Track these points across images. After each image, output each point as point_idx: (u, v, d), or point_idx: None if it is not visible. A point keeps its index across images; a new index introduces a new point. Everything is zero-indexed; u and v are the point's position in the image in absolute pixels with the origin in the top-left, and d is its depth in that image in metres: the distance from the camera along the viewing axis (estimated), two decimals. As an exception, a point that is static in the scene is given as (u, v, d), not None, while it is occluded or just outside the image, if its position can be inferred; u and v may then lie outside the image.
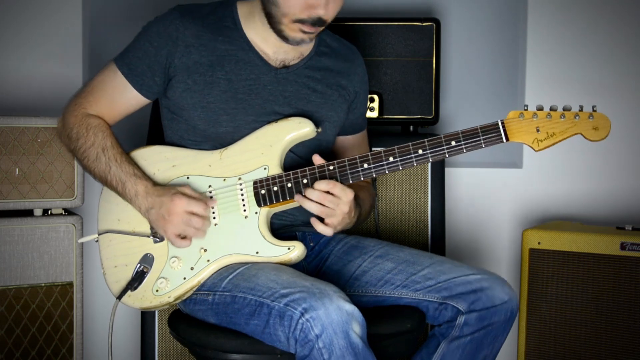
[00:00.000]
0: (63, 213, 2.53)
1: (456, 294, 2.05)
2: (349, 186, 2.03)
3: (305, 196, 2.02)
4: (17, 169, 2.45)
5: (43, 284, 2.49)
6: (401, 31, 2.71)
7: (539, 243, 2.65)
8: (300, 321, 1.80)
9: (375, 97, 2.71)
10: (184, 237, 2.04)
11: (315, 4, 1.97)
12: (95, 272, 2.79)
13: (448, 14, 3.05)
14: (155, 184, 2.08)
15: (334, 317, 1.78)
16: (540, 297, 2.65)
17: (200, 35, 2.10)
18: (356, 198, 2.10)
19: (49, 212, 2.52)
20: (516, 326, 2.65)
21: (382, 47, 2.71)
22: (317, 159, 2.04)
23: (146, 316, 2.53)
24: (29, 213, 2.50)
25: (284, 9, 1.99)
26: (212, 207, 2.07)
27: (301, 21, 2.00)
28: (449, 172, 3.01)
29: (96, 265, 2.28)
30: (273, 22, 2.04)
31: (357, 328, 1.80)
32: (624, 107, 3.03)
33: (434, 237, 2.70)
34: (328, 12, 1.99)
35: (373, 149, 2.55)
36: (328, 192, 2.01)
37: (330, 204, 2.01)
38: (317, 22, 2.01)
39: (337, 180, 2.02)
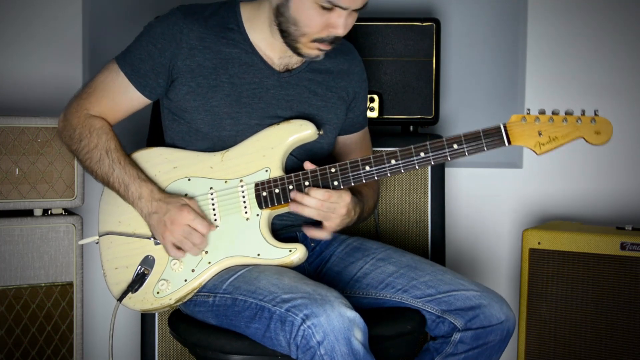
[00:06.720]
0: (63, 213, 2.53)
1: (455, 309, 2.04)
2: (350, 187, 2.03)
3: (300, 203, 2.01)
4: (17, 169, 2.45)
5: (43, 284, 2.49)
6: (401, 31, 2.71)
7: (539, 243, 2.64)
8: (302, 328, 1.80)
9: (375, 97, 2.70)
10: (179, 248, 2.04)
11: (335, 24, 1.98)
12: (95, 272, 2.78)
13: (448, 14, 3.04)
14: (160, 189, 2.08)
15: (335, 324, 1.78)
16: (540, 297, 2.64)
17: (203, 38, 2.09)
18: (359, 194, 2.10)
19: (49, 212, 2.52)
20: (516, 326, 2.65)
21: (382, 47, 2.71)
22: (309, 166, 2.03)
23: (146, 316, 2.53)
24: (29, 213, 2.50)
25: (304, 30, 2.00)
26: (214, 210, 2.07)
27: (320, 40, 2.02)
28: (449, 172, 3.01)
29: (96, 265, 2.27)
30: (289, 39, 2.04)
31: (358, 334, 1.80)
32: (623, 108, 3.03)
33: (434, 237, 2.70)
34: (345, 30, 2.01)
35: (373, 149, 2.55)
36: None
37: (326, 210, 2.01)
38: (335, 40, 2.03)
39: (338, 182, 2.02)
